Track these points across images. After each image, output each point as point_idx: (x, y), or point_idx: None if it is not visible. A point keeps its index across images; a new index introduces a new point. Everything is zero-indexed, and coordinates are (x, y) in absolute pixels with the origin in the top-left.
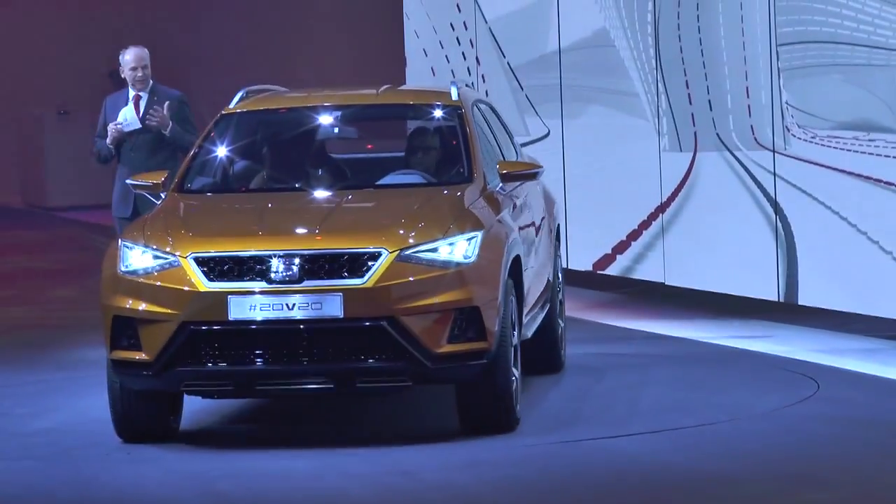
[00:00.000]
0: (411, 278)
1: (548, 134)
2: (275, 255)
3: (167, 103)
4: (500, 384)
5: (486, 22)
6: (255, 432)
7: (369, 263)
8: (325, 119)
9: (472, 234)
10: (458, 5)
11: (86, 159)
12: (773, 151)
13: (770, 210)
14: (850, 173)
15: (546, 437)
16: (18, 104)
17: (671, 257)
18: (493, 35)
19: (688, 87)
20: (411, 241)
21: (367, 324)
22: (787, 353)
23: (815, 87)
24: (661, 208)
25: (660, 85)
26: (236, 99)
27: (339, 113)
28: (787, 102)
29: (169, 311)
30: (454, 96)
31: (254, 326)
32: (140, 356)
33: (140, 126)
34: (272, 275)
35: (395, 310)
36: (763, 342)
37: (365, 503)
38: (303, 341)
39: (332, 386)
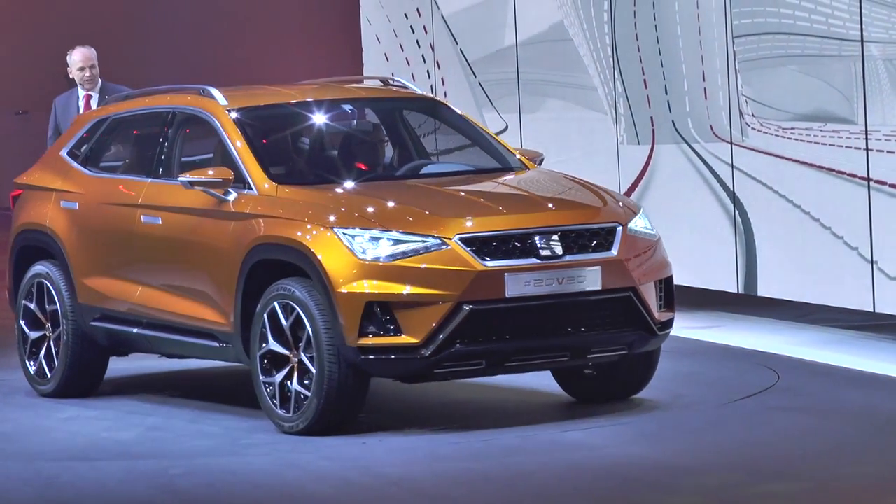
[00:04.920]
0: (639, 251)
1: (506, 128)
2: (538, 233)
3: None
4: (659, 351)
5: (443, 16)
6: (214, 429)
7: (609, 237)
8: (342, 115)
9: (639, 208)
10: (417, 9)
11: None
12: (731, 143)
13: (728, 202)
14: (807, 164)
15: (505, 430)
16: None
17: None
18: (450, 30)
19: (645, 85)
20: (628, 215)
21: (619, 295)
22: (747, 345)
23: (772, 78)
24: None
25: (617, 77)
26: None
27: (350, 107)
28: (744, 94)
29: (441, 292)
30: (419, 91)
31: (528, 303)
32: (403, 340)
33: None
34: (540, 251)
35: (635, 280)
36: (723, 333)
37: (324, 499)
38: (567, 314)
39: (566, 358)
